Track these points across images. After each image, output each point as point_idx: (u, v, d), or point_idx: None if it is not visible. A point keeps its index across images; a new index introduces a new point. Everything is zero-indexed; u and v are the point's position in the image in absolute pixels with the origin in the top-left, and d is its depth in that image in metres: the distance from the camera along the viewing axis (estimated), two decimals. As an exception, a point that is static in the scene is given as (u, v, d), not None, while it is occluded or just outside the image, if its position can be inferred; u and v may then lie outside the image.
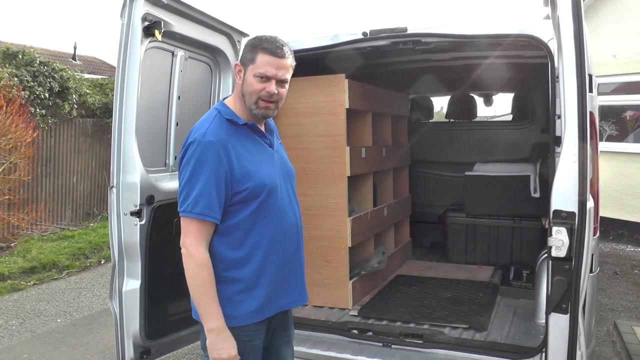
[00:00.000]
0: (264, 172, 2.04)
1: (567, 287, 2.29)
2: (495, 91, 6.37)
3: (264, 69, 2.00)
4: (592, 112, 2.58)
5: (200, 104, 3.36)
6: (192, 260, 1.94)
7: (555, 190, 2.31)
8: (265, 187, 2.02)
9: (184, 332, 3.13)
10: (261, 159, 2.07)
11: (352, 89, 3.70)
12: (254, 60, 2.01)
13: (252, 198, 2.00)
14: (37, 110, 8.30)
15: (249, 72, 2.02)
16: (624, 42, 8.42)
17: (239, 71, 2.07)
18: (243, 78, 2.05)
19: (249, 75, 2.02)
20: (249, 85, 2.02)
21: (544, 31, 2.84)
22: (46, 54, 11.88)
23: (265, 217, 2.03)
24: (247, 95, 2.04)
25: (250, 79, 2.02)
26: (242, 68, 2.05)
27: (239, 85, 2.07)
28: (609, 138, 8.68)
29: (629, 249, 8.02)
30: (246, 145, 2.04)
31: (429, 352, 3.02)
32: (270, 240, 2.05)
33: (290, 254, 2.13)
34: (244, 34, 3.44)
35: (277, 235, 2.07)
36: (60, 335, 4.91)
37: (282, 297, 2.12)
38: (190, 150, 1.96)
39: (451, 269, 4.79)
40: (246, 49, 2.07)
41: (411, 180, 5.48)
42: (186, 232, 1.97)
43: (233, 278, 2.01)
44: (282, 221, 2.09)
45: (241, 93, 2.06)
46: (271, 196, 2.04)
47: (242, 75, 2.05)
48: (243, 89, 2.05)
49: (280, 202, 2.09)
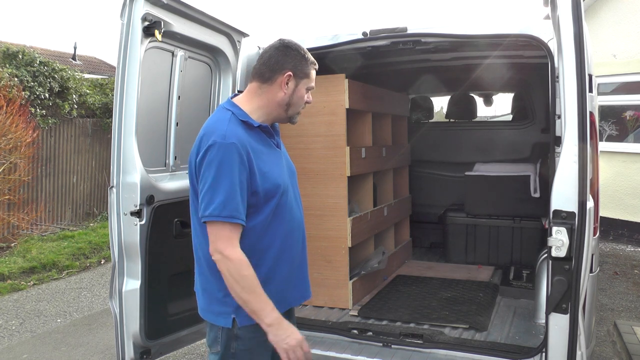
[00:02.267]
0: (276, 173, 2.08)
1: (567, 287, 2.29)
2: (495, 91, 6.37)
3: (314, 83, 2.16)
4: (592, 112, 2.58)
5: (200, 104, 3.36)
6: (231, 263, 1.92)
7: (555, 190, 2.31)
8: (280, 187, 2.06)
9: (184, 332, 3.12)
10: (272, 160, 2.10)
11: (352, 89, 3.70)
12: (309, 75, 2.12)
13: (268, 199, 2.03)
14: (37, 110, 8.30)
15: (302, 84, 2.11)
16: (624, 42, 8.42)
17: (286, 82, 2.08)
18: (294, 89, 2.10)
19: (301, 88, 2.11)
20: (300, 97, 2.12)
21: (544, 31, 2.84)
22: (46, 54, 11.88)
23: (278, 217, 2.06)
24: (295, 105, 2.13)
25: (302, 91, 2.12)
26: (295, 80, 2.09)
27: (285, 94, 2.09)
28: (609, 138, 8.68)
29: (629, 249, 8.02)
30: (260, 147, 2.05)
31: (429, 352, 3.02)
32: (283, 240, 2.08)
33: (298, 251, 2.17)
34: (244, 34, 3.43)
35: (288, 234, 2.11)
36: (60, 335, 4.91)
37: (290, 294, 2.16)
38: (212, 153, 1.93)
39: (451, 269, 4.79)
40: (297, 61, 2.10)
41: (411, 180, 5.48)
42: (217, 237, 1.93)
43: None
44: (292, 220, 2.13)
45: (286, 102, 2.11)
46: (284, 196, 2.08)
47: (294, 87, 2.10)
48: (292, 100, 2.11)
49: (290, 201, 2.13)
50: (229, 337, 2.04)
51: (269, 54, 2.10)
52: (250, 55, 3.51)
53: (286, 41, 2.13)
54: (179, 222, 2.96)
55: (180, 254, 2.92)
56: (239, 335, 2.03)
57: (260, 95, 2.10)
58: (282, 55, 2.08)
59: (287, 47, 2.10)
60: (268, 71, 2.08)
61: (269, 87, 2.09)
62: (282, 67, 2.07)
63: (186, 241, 2.92)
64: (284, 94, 2.09)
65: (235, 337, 2.03)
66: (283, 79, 2.07)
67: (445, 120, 6.23)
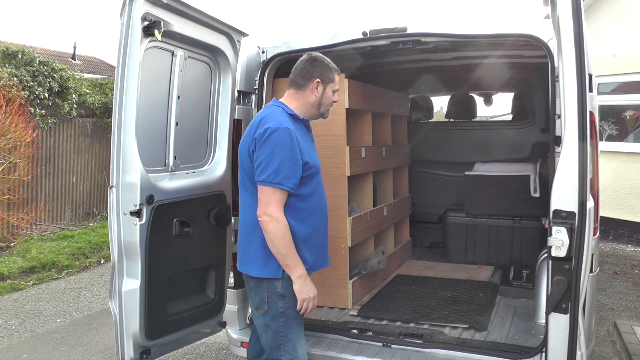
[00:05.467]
0: (314, 157, 2.65)
1: (567, 287, 2.30)
2: (496, 91, 6.37)
3: (339, 86, 2.73)
4: (592, 112, 2.58)
5: (200, 104, 3.35)
6: (278, 224, 2.43)
7: (556, 190, 2.31)
8: (318, 168, 2.65)
9: (184, 332, 3.12)
10: (311, 147, 2.68)
11: (352, 89, 3.70)
12: (334, 80, 2.69)
13: (313, 176, 2.58)
14: (37, 110, 8.30)
15: (329, 88, 2.68)
16: (624, 42, 8.42)
17: (316, 87, 2.64)
18: (323, 92, 2.66)
19: (328, 91, 2.68)
20: (329, 98, 2.70)
21: (544, 31, 2.84)
22: (46, 54, 11.89)
23: (318, 193, 2.64)
24: (325, 105, 2.70)
25: (329, 93, 2.69)
26: (323, 85, 2.66)
27: (316, 97, 2.65)
28: (609, 138, 8.68)
29: (629, 249, 8.02)
30: (302, 135, 2.60)
31: (429, 352, 3.02)
32: (320, 213, 2.65)
33: (325, 226, 2.74)
34: (244, 34, 3.43)
35: (323, 210, 2.69)
36: (60, 335, 4.91)
37: (320, 258, 2.72)
38: (271, 134, 2.44)
39: (451, 269, 4.79)
40: (324, 70, 2.65)
41: (411, 180, 5.48)
42: (268, 201, 2.44)
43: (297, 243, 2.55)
44: (323, 199, 2.71)
45: (318, 103, 2.67)
46: (319, 176, 2.66)
47: (322, 90, 2.66)
48: (322, 100, 2.68)
49: (322, 184, 2.71)
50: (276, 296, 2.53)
51: (301, 67, 2.67)
52: (250, 55, 3.51)
53: (314, 55, 2.69)
54: (179, 222, 2.96)
55: (181, 254, 2.92)
56: (285, 295, 2.52)
57: (297, 99, 2.67)
58: (311, 66, 2.65)
59: (315, 60, 2.67)
60: (302, 80, 2.65)
61: (304, 92, 2.66)
62: (312, 76, 2.64)
63: (186, 241, 2.94)
64: (315, 97, 2.66)
65: (282, 296, 2.53)
66: (313, 85, 2.64)
67: (445, 120, 6.23)
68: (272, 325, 2.57)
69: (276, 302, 2.54)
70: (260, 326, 2.63)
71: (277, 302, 2.54)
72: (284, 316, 2.55)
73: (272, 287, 2.54)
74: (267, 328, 2.59)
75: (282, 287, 2.53)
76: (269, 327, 2.58)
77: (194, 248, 3.01)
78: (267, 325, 2.59)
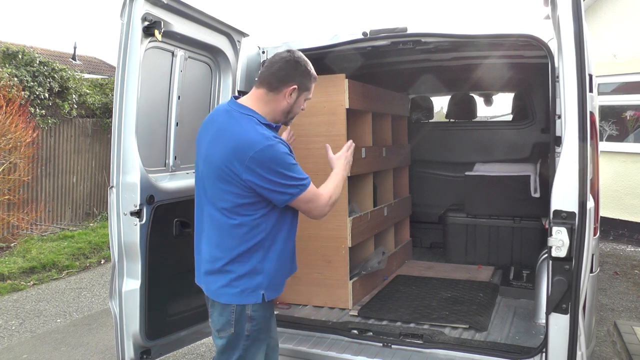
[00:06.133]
0: None
1: (567, 287, 2.29)
2: (496, 91, 6.37)
3: (312, 94, 2.46)
4: (592, 112, 2.58)
5: (200, 104, 3.35)
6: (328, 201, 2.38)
7: (555, 190, 2.31)
8: None
9: (184, 332, 3.12)
10: None
11: (352, 89, 3.69)
12: (309, 88, 2.42)
13: None
14: (37, 110, 8.30)
15: (302, 97, 2.40)
16: (624, 42, 8.42)
17: (291, 94, 2.34)
18: (295, 99, 2.37)
19: (301, 99, 2.40)
20: (299, 107, 2.42)
21: (544, 31, 2.84)
22: (46, 54, 11.89)
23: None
24: (293, 112, 2.42)
25: (301, 101, 2.41)
26: (298, 92, 2.36)
27: (288, 103, 2.35)
28: (609, 138, 8.68)
29: (629, 249, 8.02)
30: None
31: (429, 352, 3.02)
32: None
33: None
34: (244, 34, 3.43)
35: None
36: (60, 335, 4.91)
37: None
38: (271, 152, 2.19)
39: (451, 269, 4.79)
40: (303, 76, 2.37)
41: (411, 180, 5.48)
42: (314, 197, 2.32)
43: None
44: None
45: (287, 110, 2.38)
46: None
47: (296, 98, 2.37)
48: (292, 108, 2.39)
49: None
50: (244, 319, 2.29)
51: (278, 66, 2.33)
52: (251, 55, 3.51)
53: (296, 55, 2.36)
54: (179, 222, 2.96)
55: (180, 254, 2.92)
56: (253, 317, 2.30)
57: (267, 102, 2.34)
58: (292, 69, 2.33)
59: (297, 62, 2.34)
60: (276, 82, 2.32)
61: (275, 95, 2.33)
62: (291, 80, 2.32)
63: (186, 241, 2.94)
64: (287, 104, 2.35)
65: (250, 318, 2.30)
66: (288, 91, 2.32)
67: (445, 120, 6.23)
68: (234, 348, 2.33)
69: (243, 325, 2.30)
70: (220, 347, 2.36)
71: (244, 324, 2.30)
72: (248, 339, 2.32)
73: (241, 309, 2.29)
74: (227, 350, 2.34)
75: (252, 308, 2.30)
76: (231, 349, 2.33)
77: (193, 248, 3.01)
78: (229, 347, 2.33)
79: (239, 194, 2.24)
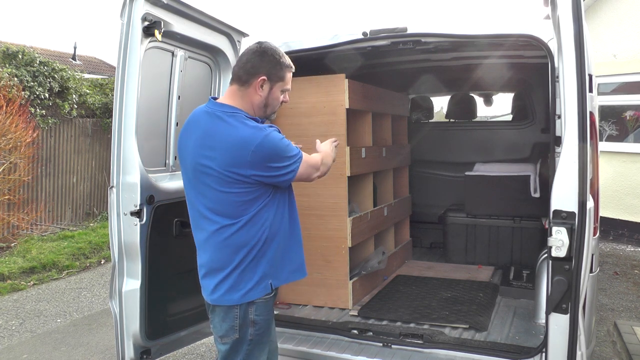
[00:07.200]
0: None
1: (567, 287, 2.29)
2: (496, 91, 6.37)
3: (289, 85, 2.36)
4: (592, 112, 2.58)
5: (200, 104, 3.34)
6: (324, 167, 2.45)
7: (555, 190, 2.31)
8: None
9: (184, 332, 3.12)
10: None
11: (352, 89, 3.70)
12: (283, 78, 2.32)
13: None
14: (37, 110, 8.30)
15: (276, 87, 2.31)
16: (624, 42, 8.42)
17: (261, 85, 2.26)
18: (269, 92, 2.29)
19: (276, 90, 2.31)
20: (276, 99, 2.33)
21: (544, 31, 2.84)
22: (46, 54, 11.89)
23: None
24: (271, 106, 2.34)
25: (277, 93, 2.32)
26: (270, 84, 2.28)
27: (260, 97, 2.28)
28: (609, 138, 8.68)
29: (629, 249, 8.02)
30: None
31: (429, 352, 3.02)
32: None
33: None
34: (244, 34, 3.43)
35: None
36: (60, 335, 4.91)
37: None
38: (270, 142, 2.17)
39: (451, 269, 4.79)
40: (272, 65, 2.27)
41: (411, 180, 5.48)
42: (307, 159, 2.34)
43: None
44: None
45: (263, 103, 2.30)
46: None
47: (268, 89, 2.29)
48: (268, 101, 2.31)
49: None
50: (247, 324, 2.27)
51: (246, 58, 2.29)
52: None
53: (263, 45, 2.30)
54: (179, 222, 2.96)
55: (180, 254, 2.92)
56: (256, 321, 2.28)
57: (241, 97, 2.29)
58: (259, 60, 2.26)
59: (263, 51, 2.27)
60: (245, 75, 2.27)
61: (246, 90, 2.28)
62: (258, 71, 2.25)
63: (186, 241, 2.93)
64: (260, 97, 2.29)
65: (254, 322, 2.28)
66: (257, 82, 2.26)
67: (445, 120, 6.23)
68: (238, 352, 2.32)
69: (247, 330, 2.29)
70: (224, 352, 2.34)
71: (248, 329, 2.29)
72: (251, 343, 2.31)
73: (244, 313, 2.27)
74: (231, 354, 2.32)
75: (255, 312, 2.28)
76: (235, 352, 2.32)
77: (194, 248, 3.01)
78: (232, 351, 2.32)
79: (244, 192, 2.20)
